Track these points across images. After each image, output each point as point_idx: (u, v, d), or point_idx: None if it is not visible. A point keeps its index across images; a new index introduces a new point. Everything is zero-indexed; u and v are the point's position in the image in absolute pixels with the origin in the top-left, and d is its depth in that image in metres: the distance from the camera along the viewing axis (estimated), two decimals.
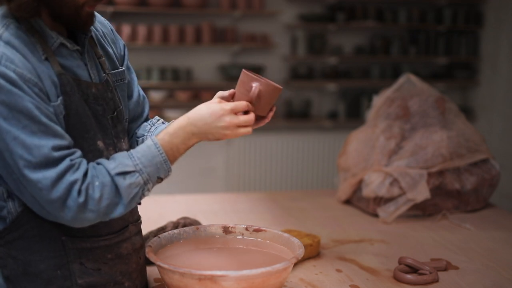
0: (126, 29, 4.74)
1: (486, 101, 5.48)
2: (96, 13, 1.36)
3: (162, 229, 1.69)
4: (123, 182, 1.20)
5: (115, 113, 1.34)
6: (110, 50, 1.41)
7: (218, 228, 1.54)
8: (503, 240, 1.95)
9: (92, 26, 1.34)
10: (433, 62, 5.53)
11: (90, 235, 1.27)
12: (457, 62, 5.60)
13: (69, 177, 1.15)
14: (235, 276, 1.22)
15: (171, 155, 1.27)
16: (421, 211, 2.20)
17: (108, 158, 1.25)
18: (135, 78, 1.51)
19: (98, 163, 1.21)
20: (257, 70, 5.05)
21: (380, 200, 2.19)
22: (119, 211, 1.21)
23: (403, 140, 2.30)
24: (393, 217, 2.14)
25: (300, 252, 1.36)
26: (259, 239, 1.51)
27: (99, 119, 1.29)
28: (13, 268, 1.25)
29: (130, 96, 1.48)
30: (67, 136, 1.18)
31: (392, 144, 2.27)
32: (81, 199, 1.15)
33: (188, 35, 4.92)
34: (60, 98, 1.19)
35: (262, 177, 5.23)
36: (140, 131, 1.51)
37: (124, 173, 1.20)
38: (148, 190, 1.24)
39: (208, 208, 2.29)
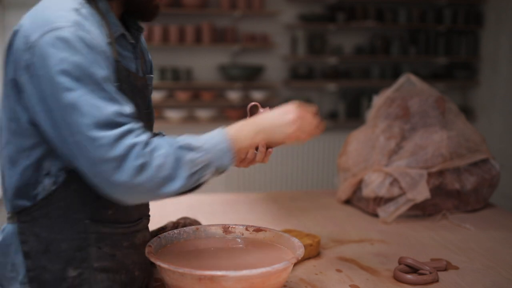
0: None
1: (486, 101, 5.48)
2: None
3: (162, 229, 1.69)
4: (186, 155, 1.19)
5: (148, 110, 1.40)
6: (145, 56, 1.47)
7: (218, 228, 1.54)
8: (503, 240, 1.95)
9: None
10: (433, 62, 5.53)
11: (111, 220, 1.29)
12: (457, 62, 5.60)
13: (130, 140, 1.14)
14: (235, 276, 1.22)
15: (236, 147, 1.26)
16: (421, 211, 2.20)
17: None
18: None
19: (163, 137, 1.22)
20: (257, 70, 5.05)
21: (380, 200, 2.19)
22: (175, 186, 1.18)
23: (403, 140, 2.30)
24: (393, 217, 2.14)
25: (300, 252, 1.36)
26: (259, 239, 1.51)
27: (139, 112, 1.31)
28: (35, 245, 1.26)
29: None
30: (131, 107, 1.19)
31: (392, 144, 2.27)
32: (139, 161, 1.13)
33: (188, 35, 4.92)
34: (116, 84, 1.23)
35: (262, 177, 5.23)
36: None
37: (189, 147, 1.20)
38: (206, 176, 1.22)
39: (208, 208, 2.29)
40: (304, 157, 5.28)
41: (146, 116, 1.38)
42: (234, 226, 1.54)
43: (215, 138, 1.25)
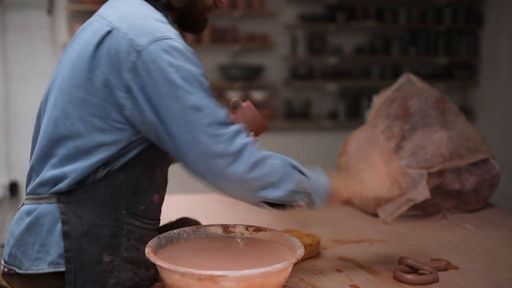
0: None
1: (486, 101, 5.48)
2: None
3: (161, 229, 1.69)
4: (296, 174, 1.31)
5: None
6: None
7: (218, 228, 1.54)
8: (503, 240, 1.94)
9: None
10: (433, 62, 5.53)
11: (141, 215, 1.37)
12: (457, 62, 5.60)
13: (243, 138, 1.27)
14: (235, 276, 1.22)
15: (331, 195, 1.38)
16: (421, 211, 2.20)
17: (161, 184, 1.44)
18: None
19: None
20: (257, 70, 5.05)
21: (380, 200, 2.19)
22: (275, 194, 1.30)
23: (403, 140, 2.30)
24: (393, 217, 2.14)
25: (300, 252, 1.36)
26: (259, 239, 1.51)
27: None
28: (76, 226, 1.29)
29: None
30: None
31: (392, 144, 2.27)
32: (254, 158, 1.26)
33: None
34: None
35: None
36: None
37: (300, 170, 1.33)
38: (302, 201, 1.34)
39: (208, 208, 2.29)
40: (304, 157, 5.28)
41: None
42: (234, 226, 1.54)
43: (321, 177, 1.36)
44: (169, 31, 1.28)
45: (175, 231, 1.50)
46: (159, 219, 1.48)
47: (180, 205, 2.35)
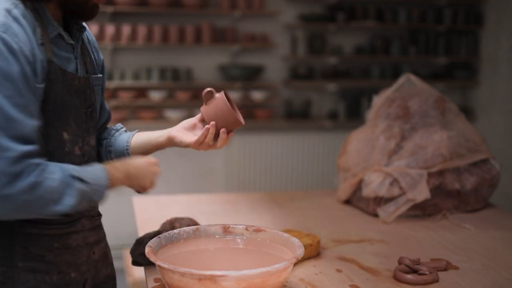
0: (126, 29, 4.74)
1: (486, 101, 5.48)
2: (85, 24, 1.46)
3: (158, 233, 1.69)
4: (78, 185, 1.24)
5: (90, 109, 1.41)
6: (92, 55, 1.49)
7: (218, 228, 1.54)
8: (503, 240, 1.95)
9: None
10: (433, 62, 5.53)
11: (39, 221, 1.30)
12: (457, 62, 5.60)
13: (30, 160, 1.17)
14: (235, 276, 1.22)
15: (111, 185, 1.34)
16: (421, 211, 2.20)
17: (69, 149, 1.33)
18: (104, 93, 1.60)
19: (55, 163, 1.25)
20: (257, 70, 5.05)
21: (380, 200, 2.19)
22: (60, 210, 1.22)
23: (403, 140, 2.30)
24: (393, 217, 2.14)
25: (300, 252, 1.36)
26: (259, 239, 1.51)
27: (76, 111, 1.35)
28: None
29: (100, 105, 1.58)
30: (40, 120, 1.23)
31: (392, 144, 2.27)
32: (31, 180, 1.16)
33: (188, 35, 4.92)
34: (44, 83, 1.26)
35: (262, 177, 5.22)
36: (104, 135, 1.62)
37: (79, 178, 1.24)
38: (82, 205, 1.27)
39: (208, 208, 2.29)
40: (304, 157, 5.28)
41: (88, 116, 1.40)
42: (234, 226, 1.54)
43: (98, 175, 1.30)
44: None
45: (175, 231, 1.50)
46: (78, 220, 1.39)
47: (180, 205, 2.35)
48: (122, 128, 1.65)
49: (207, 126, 1.47)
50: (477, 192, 2.27)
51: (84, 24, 1.42)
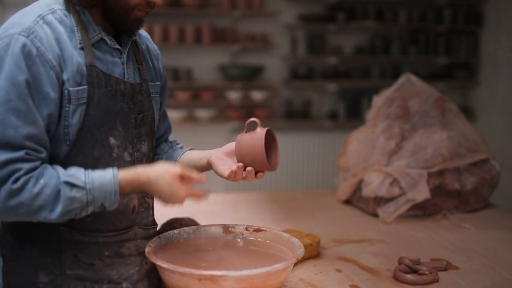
0: None
1: (486, 101, 5.48)
2: (146, 33, 1.47)
3: (158, 233, 1.69)
4: (67, 192, 1.18)
5: (141, 115, 1.37)
6: (150, 63, 1.47)
7: (218, 228, 1.54)
8: (503, 240, 1.95)
9: (139, 39, 1.43)
10: (433, 62, 5.53)
11: (89, 228, 1.28)
12: (457, 62, 5.60)
13: (16, 166, 1.15)
14: (235, 276, 1.22)
15: (122, 191, 1.26)
16: (421, 211, 2.20)
17: (118, 155, 1.29)
18: (164, 104, 1.56)
19: (53, 167, 1.21)
20: (257, 70, 5.05)
21: (380, 200, 2.19)
22: (50, 217, 1.18)
23: (403, 140, 2.30)
24: (393, 217, 2.14)
25: (300, 252, 1.36)
26: (259, 239, 1.51)
27: (124, 116, 1.32)
28: (9, 248, 1.29)
29: (160, 117, 1.55)
30: (42, 128, 1.19)
31: (392, 144, 2.27)
32: (15, 186, 1.14)
33: (188, 35, 4.92)
34: (85, 87, 1.24)
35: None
36: (157, 150, 1.58)
37: (72, 184, 1.19)
38: (87, 211, 1.22)
39: (208, 208, 2.29)
40: (304, 157, 5.28)
41: (139, 121, 1.36)
42: (234, 226, 1.54)
43: (105, 179, 1.23)
44: (19, 27, 1.20)
45: (175, 231, 1.50)
46: (131, 227, 1.36)
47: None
48: (178, 144, 1.61)
49: (238, 165, 1.42)
50: (477, 192, 2.27)
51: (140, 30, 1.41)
